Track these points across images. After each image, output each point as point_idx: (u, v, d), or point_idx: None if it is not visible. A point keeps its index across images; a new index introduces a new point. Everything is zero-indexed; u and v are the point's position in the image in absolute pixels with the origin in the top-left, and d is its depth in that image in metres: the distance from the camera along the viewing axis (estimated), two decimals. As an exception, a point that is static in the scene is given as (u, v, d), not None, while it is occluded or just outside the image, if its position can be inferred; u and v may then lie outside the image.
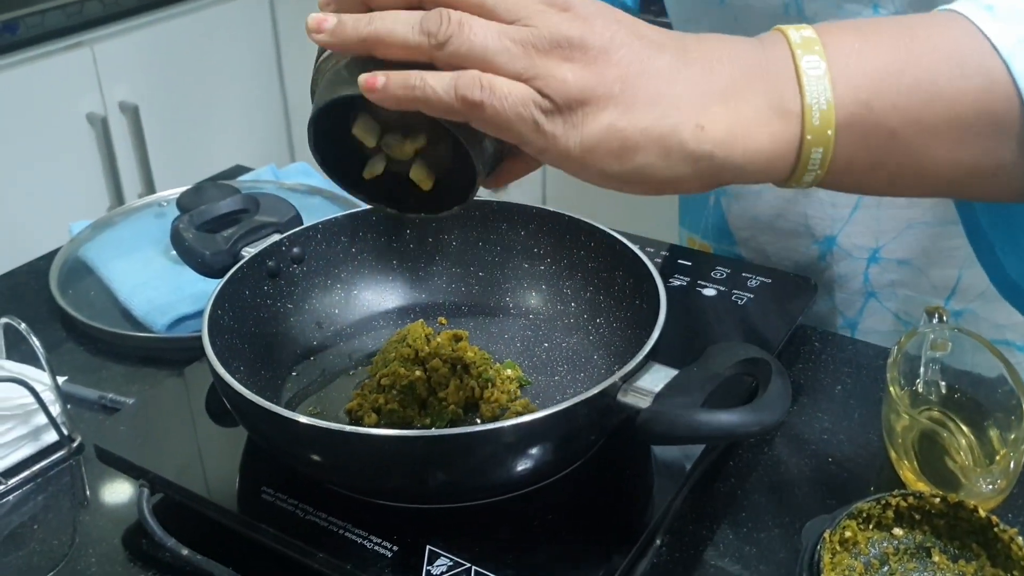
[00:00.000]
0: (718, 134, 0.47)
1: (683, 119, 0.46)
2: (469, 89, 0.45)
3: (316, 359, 0.72)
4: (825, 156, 0.48)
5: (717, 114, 0.47)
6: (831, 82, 0.48)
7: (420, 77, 0.46)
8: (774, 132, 0.48)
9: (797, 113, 0.48)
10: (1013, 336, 0.83)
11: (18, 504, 0.68)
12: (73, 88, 2.10)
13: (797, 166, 0.49)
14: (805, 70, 0.48)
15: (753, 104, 0.48)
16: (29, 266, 0.97)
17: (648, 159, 0.47)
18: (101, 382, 0.80)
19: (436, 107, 0.46)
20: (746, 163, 0.48)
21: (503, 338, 0.73)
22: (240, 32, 2.44)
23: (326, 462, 0.58)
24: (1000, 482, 0.59)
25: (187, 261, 0.74)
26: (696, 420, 0.52)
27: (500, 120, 0.46)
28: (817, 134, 0.48)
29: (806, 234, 0.86)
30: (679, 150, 0.47)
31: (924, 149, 0.49)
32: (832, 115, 0.48)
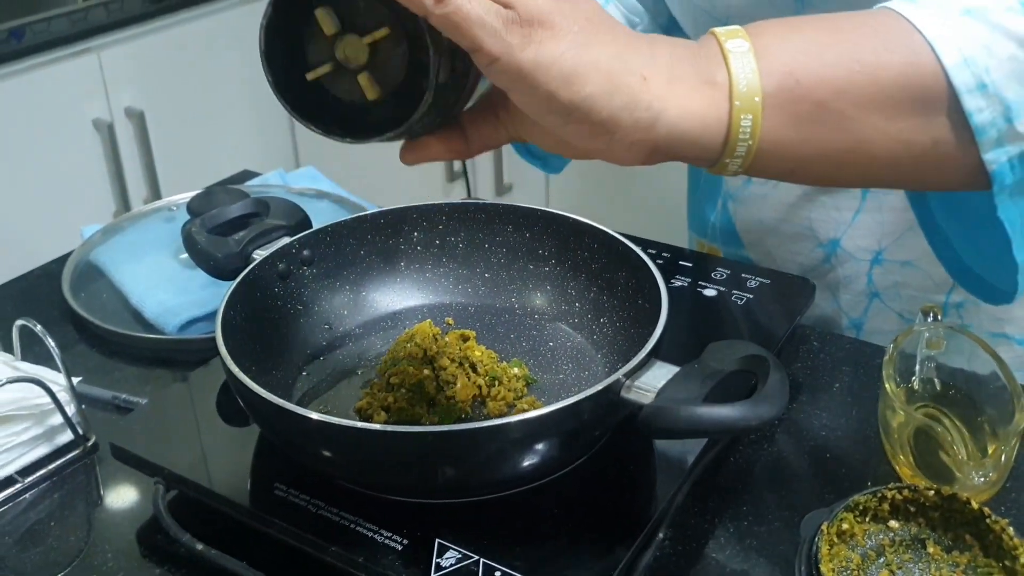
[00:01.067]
0: (657, 87, 0.50)
1: (631, 65, 0.49)
2: None
3: (326, 359, 0.74)
4: (755, 125, 0.50)
5: (657, 73, 0.50)
6: (755, 56, 0.51)
7: None
8: (704, 96, 0.50)
9: (724, 83, 0.51)
10: (1011, 329, 0.85)
11: (35, 502, 0.70)
12: (79, 94, 2.12)
13: (728, 135, 0.51)
14: (730, 49, 0.51)
15: (686, 74, 0.51)
16: (42, 269, 0.99)
17: (593, 90, 0.48)
18: (114, 383, 0.82)
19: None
20: (678, 119, 0.50)
21: (509, 337, 0.75)
22: (245, 38, 2.45)
23: (337, 458, 0.59)
24: (992, 475, 0.60)
25: (199, 264, 0.75)
26: (697, 414, 0.54)
27: (461, 18, 0.46)
28: (745, 100, 0.50)
29: (811, 237, 0.87)
30: (623, 90, 0.49)
31: (855, 123, 0.51)
32: (758, 83, 0.50)
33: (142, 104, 2.20)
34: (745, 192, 0.91)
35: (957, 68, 0.51)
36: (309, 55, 0.53)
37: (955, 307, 0.85)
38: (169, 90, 2.28)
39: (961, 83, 0.51)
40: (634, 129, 0.50)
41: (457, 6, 0.46)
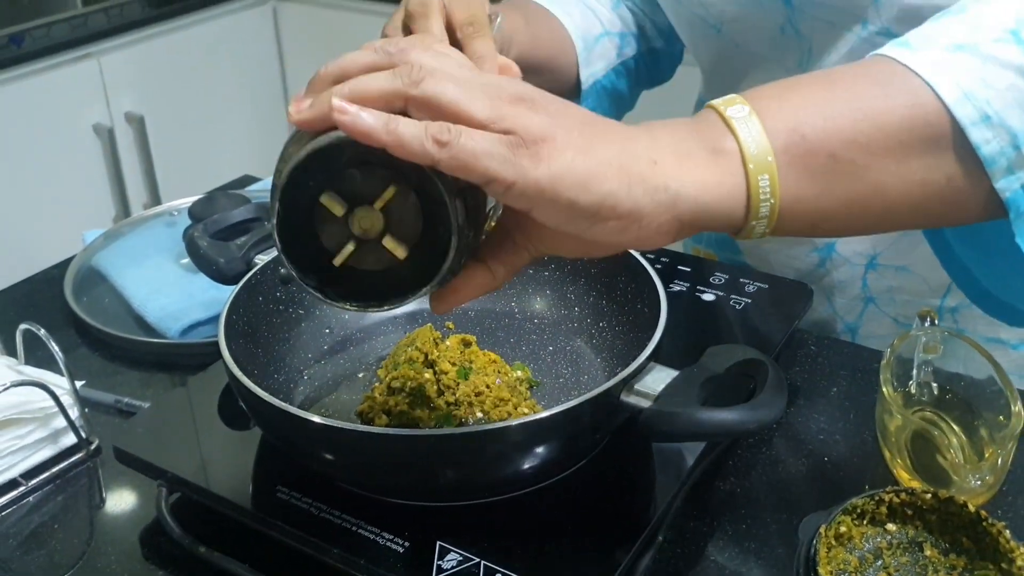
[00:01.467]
0: (669, 167, 0.50)
1: (638, 154, 0.50)
2: (439, 132, 0.47)
3: (327, 363, 0.74)
4: (773, 183, 0.51)
5: (665, 154, 0.50)
6: (759, 118, 0.51)
7: (392, 116, 0.47)
8: (719, 166, 0.51)
9: (735, 149, 0.51)
10: (1007, 335, 0.85)
11: (38, 504, 0.70)
12: (79, 99, 2.13)
13: (750, 198, 0.51)
14: (731, 116, 0.51)
15: (693, 149, 0.51)
16: (44, 274, 0.99)
17: (612, 187, 0.48)
18: (116, 387, 0.82)
19: (407, 144, 0.47)
20: (698, 193, 0.50)
21: (509, 342, 0.75)
22: (244, 43, 2.47)
23: (339, 461, 0.60)
24: (988, 478, 0.61)
25: (202, 268, 0.76)
26: (696, 418, 0.55)
27: (468, 155, 0.47)
28: (758, 162, 0.50)
29: (806, 242, 0.88)
30: (639, 180, 0.49)
31: (868, 170, 0.52)
32: (767, 143, 0.51)
33: (142, 109, 2.21)
34: None
35: (958, 103, 0.51)
36: (325, 239, 0.52)
37: (950, 311, 0.85)
38: (169, 95, 2.29)
39: (964, 117, 0.51)
40: (657, 212, 0.50)
41: (461, 146, 0.47)
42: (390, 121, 0.47)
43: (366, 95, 0.48)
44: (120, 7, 2.23)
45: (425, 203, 0.51)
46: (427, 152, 0.47)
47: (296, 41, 2.53)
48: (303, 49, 2.52)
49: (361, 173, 0.50)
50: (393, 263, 0.52)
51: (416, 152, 0.47)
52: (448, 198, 0.49)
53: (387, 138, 0.47)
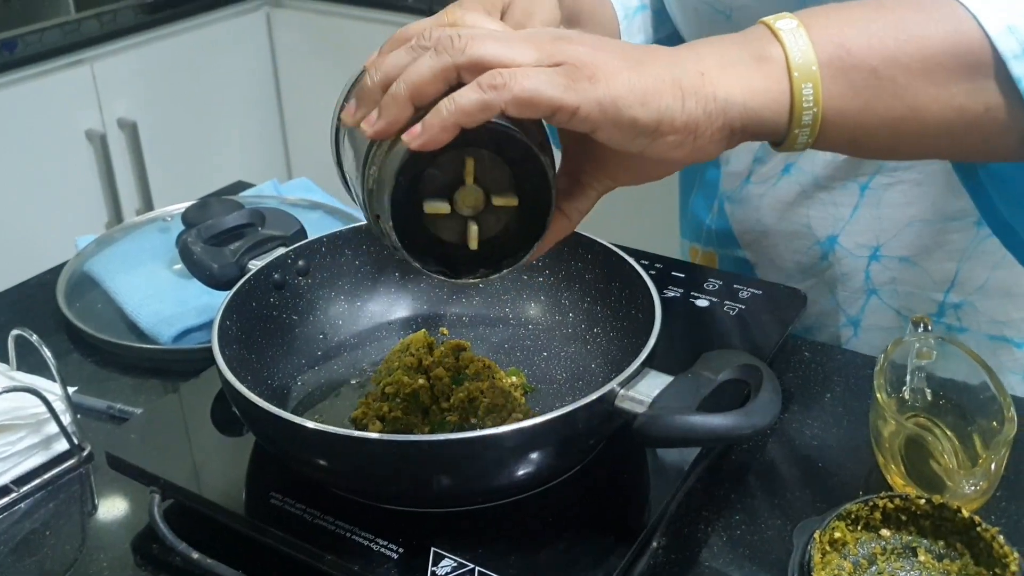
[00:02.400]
0: (716, 76, 0.52)
1: (686, 68, 0.52)
2: (491, 78, 0.49)
3: (321, 369, 0.74)
4: (816, 92, 0.52)
5: (712, 63, 0.53)
6: (806, 31, 0.53)
7: (448, 98, 0.49)
8: (763, 72, 0.53)
9: (780, 57, 0.53)
10: (1011, 332, 0.85)
11: (30, 511, 0.70)
12: (72, 105, 2.12)
13: (793, 105, 0.53)
14: (779, 27, 0.53)
15: (737, 57, 0.53)
16: (36, 279, 0.99)
17: (668, 101, 0.51)
18: (109, 393, 0.82)
19: (471, 112, 0.49)
20: (747, 98, 0.52)
21: (503, 348, 0.75)
22: (238, 50, 2.47)
23: (333, 467, 0.60)
24: (982, 483, 0.61)
25: (195, 274, 0.76)
26: (691, 423, 0.55)
27: (530, 91, 0.49)
28: (802, 70, 0.52)
29: (808, 235, 0.88)
30: (691, 92, 0.51)
31: (908, 89, 0.53)
32: (812, 54, 0.52)
33: (135, 115, 2.21)
34: (742, 193, 0.91)
35: (1002, 36, 0.53)
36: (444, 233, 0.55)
37: (953, 308, 0.85)
38: (162, 101, 2.29)
39: (1007, 49, 0.53)
40: (711, 122, 0.52)
41: (520, 85, 0.49)
42: (448, 106, 0.49)
43: (422, 83, 0.50)
44: (113, 13, 2.23)
45: (508, 156, 0.53)
46: (488, 103, 0.49)
47: (290, 47, 2.53)
48: (297, 55, 2.52)
49: (443, 162, 0.52)
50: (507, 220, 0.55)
51: (480, 108, 0.49)
52: (535, 149, 0.52)
53: (454, 119, 0.49)
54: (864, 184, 0.83)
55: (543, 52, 0.50)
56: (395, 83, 0.51)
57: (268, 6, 2.48)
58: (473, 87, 0.49)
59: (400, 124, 0.51)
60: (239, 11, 2.42)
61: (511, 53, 0.50)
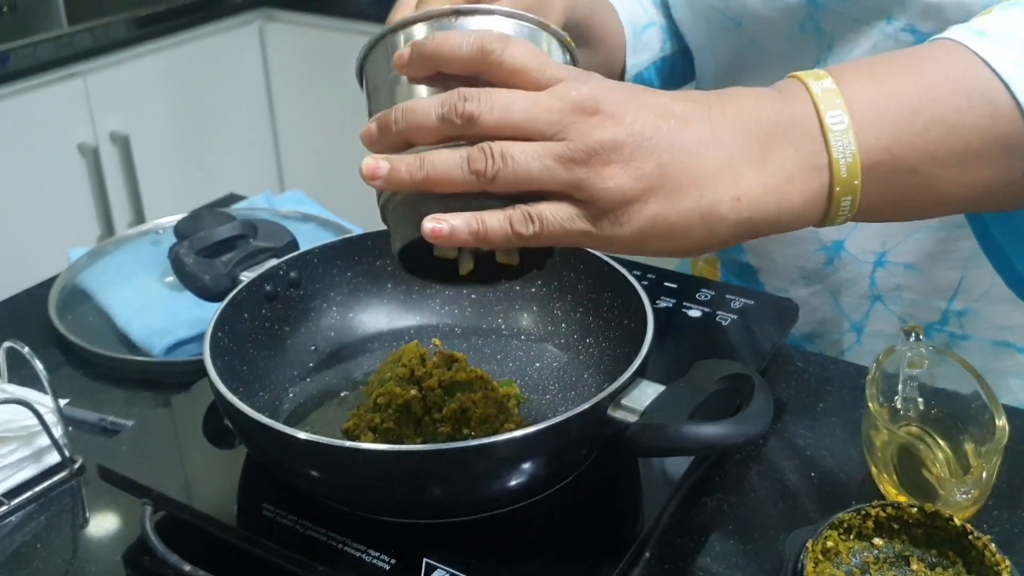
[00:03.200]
0: (754, 201, 0.51)
1: (720, 195, 0.50)
2: (522, 225, 0.50)
3: (313, 380, 0.74)
4: (854, 202, 0.52)
5: (751, 182, 0.51)
6: (855, 135, 0.51)
7: (479, 220, 0.50)
8: (805, 188, 0.52)
9: (825, 166, 0.52)
10: (1014, 338, 0.85)
11: (21, 524, 0.70)
12: (65, 119, 2.12)
13: (828, 213, 0.53)
14: (830, 126, 0.51)
15: (782, 164, 0.51)
16: (28, 293, 0.98)
17: (694, 236, 0.51)
18: (101, 405, 0.81)
19: (496, 242, 0.50)
20: (781, 217, 0.52)
21: (496, 358, 0.75)
22: (230, 63, 2.47)
23: (325, 478, 0.60)
24: (974, 492, 0.61)
25: (187, 285, 0.76)
26: (683, 432, 0.55)
27: (552, 241, 0.50)
28: (845, 184, 0.52)
29: (814, 240, 0.88)
30: (720, 223, 0.51)
31: (941, 180, 0.53)
32: (858, 165, 0.52)
33: (127, 128, 2.21)
34: None
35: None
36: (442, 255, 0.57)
37: (956, 315, 0.85)
38: (154, 115, 2.29)
39: None
40: (739, 237, 0.52)
41: (546, 232, 0.50)
42: (479, 228, 0.50)
43: (443, 186, 0.51)
44: (106, 27, 2.23)
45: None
46: (514, 245, 0.51)
47: (282, 61, 2.53)
48: (289, 69, 2.53)
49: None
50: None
51: (506, 245, 0.51)
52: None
53: (478, 243, 0.50)
54: None
55: (573, 180, 0.49)
56: (417, 163, 0.51)
57: (261, 20, 2.49)
58: (504, 222, 0.50)
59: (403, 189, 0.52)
60: (232, 25, 2.43)
61: (540, 180, 0.50)
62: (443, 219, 0.50)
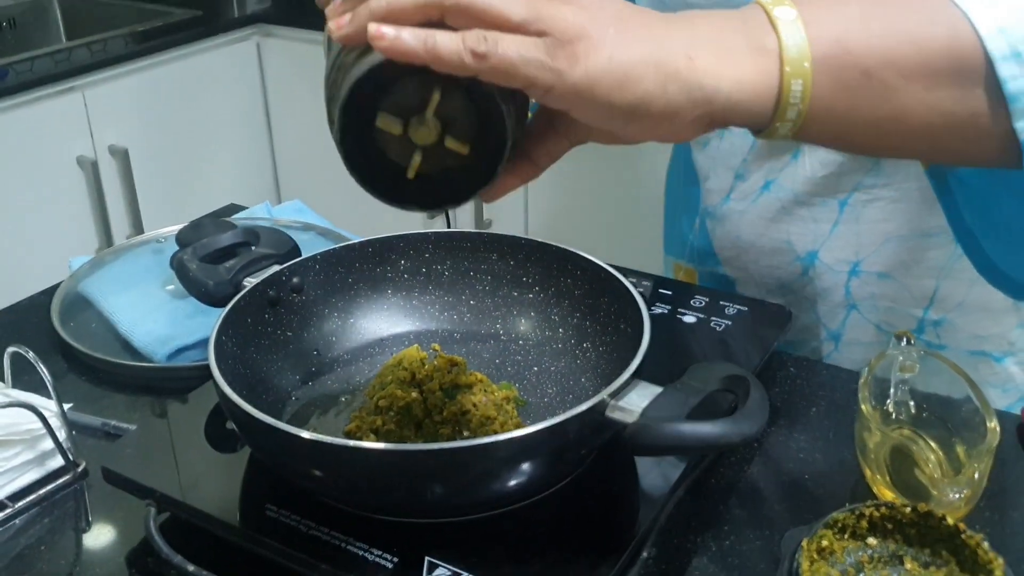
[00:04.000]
0: (706, 64, 0.51)
1: (675, 50, 0.51)
2: (476, 43, 0.48)
3: (314, 384, 0.75)
4: (805, 89, 0.52)
5: (704, 48, 0.52)
6: (803, 24, 0.53)
7: (430, 33, 0.49)
8: (756, 64, 0.52)
9: (775, 49, 0.52)
10: (990, 347, 0.87)
11: (25, 527, 0.70)
12: (64, 132, 2.13)
13: (780, 99, 0.53)
14: (778, 16, 0.53)
15: (733, 43, 0.53)
16: (30, 300, 0.99)
17: (647, 87, 0.50)
18: (103, 410, 0.82)
19: (446, 60, 0.49)
20: (733, 91, 0.52)
21: (494, 363, 0.76)
22: (228, 78, 2.48)
23: (327, 477, 0.60)
24: (966, 491, 0.62)
25: (191, 291, 0.77)
26: (680, 431, 0.56)
27: (507, 65, 0.49)
28: (795, 65, 0.52)
29: (789, 251, 0.89)
30: (675, 78, 0.51)
31: (898, 92, 0.54)
32: (807, 49, 0.52)
33: (126, 142, 2.22)
34: (723, 209, 0.93)
35: (992, 37, 0.53)
36: (392, 154, 0.55)
37: (932, 324, 0.87)
38: (153, 128, 2.31)
39: (996, 50, 0.53)
40: (692, 109, 0.52)
41: (499, 55, 0.48)
42: (427, 39, 0.48)
43: (402, 9, 0.49)
44: (104, 42, 2.25)
45: (475, 100, 0.53)
46: (466, 66, 0.48)
47: (279, 76, 2.55)
48: (286, 83, 2.54)
49: (412, 83, 0.52)
50: (457, 161, 0.54)
51: (456, 66, 0.49)
52: (501, 102, 0.51)
53: (426, 56, 0.48)
54: (843, 200, 0.85)
55: (532, 10, 0.49)
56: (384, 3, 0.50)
57: (259, 36, 2.50)
58: (456, 42, 0.48)
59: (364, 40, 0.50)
60: (230, 40, 2.44)
61: (499, 9, 0.49)
62: (392, 26, 0.48)
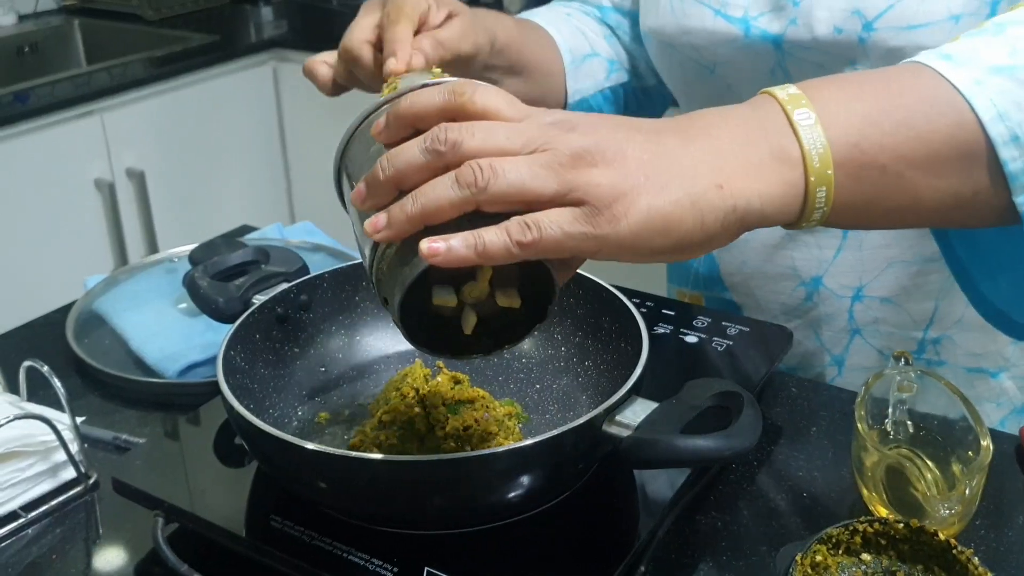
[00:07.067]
0: (736, 188, 0.53)
1: (705, 183, 0.52)
2: (520, 234, 0.50)
3: (321, 399, 0.76)
4: (828, 194, 0.55)
5: (731, 172, 0.53)
6: (823, 129, 0.54)
7: (477, 235, 0.50)
8: (782, 177, 0.54)
9: (798, 158, 0.54)
10: (987, 364, 0.88)
11: (37, 537, 0.72)
12: (82, 155, 2.17)
13: (806, 205, 0.55)
14: (798, 121, 0.54)
15: (758, 155, 0.54)
16: (45, 318, 1.01)
17: (687, 227, 0.52)
18: (115, 424, 0.84)
19: (496, 256, 0.50)
20: (763, 206, 0.54)
21: (497, 380, 0.78)
22: (245, 102, 2.51)
23: (331, 488, 0.62)
24: (958, 508, 0.63)
25: (201, 307, 0.79)
26: (675, 445, 0.57)
27: (554, 247, 0.50)
28: (819, 174, 0.54)
29: (793, 276, 0.91)
30: (710, 211, 0.52)
31: (911, 182, 0.56)
32: (829, 156, 0.54)
33: (143, 165, 2.25)
34: None
35: (993, 122, 0.56)
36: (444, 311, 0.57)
37: (932, 343, 0.88)
38: (170, 151, 2.33)
39: (997, 135, 0.56)
40: (727, 231, 0.54)
41: (545, 239, 0.50)
42: (476, 243, 0.50)
43: (439, 212, 0.51)
44: (123, 66, 2.29)
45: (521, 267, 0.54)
46: (515, 255, 0.50)
47: (295, 100, 2.58)
48: (302, 108, 2.57)
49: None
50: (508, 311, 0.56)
51: (505, 259, 0.50)
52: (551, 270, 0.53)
53: (479, 259, 0.50)
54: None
55: (564, 185, 0.50)
56: (411, 199, 0.51)
57: (275, 61, 2.54)
58: (503, 237, 0.50)
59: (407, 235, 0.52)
60: (246, 65, 2.48)
61: (533, 190, 0.50)
62: (440, 239, 0.50)
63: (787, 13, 0.80)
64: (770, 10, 0.81)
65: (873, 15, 0.75)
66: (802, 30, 0.79)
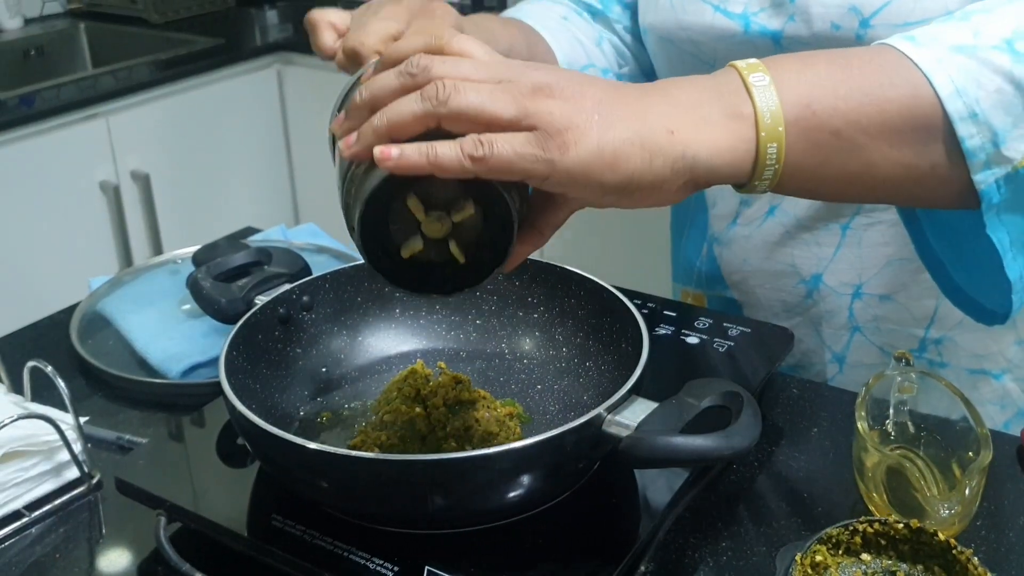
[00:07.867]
0: (686, 135, 0.55)
1: (656, 126, 0.55)
2: (472, 148, 0.53)
3: (322, 400, 0.77)
4: (780, 152, 0.56)
5: (682, 120, 0.55)
6: (776, 90, 0.56)
7: (430, 145, 0.53)
8: (732, 131, 0.56)
9: (750, 115, 0.56)
10: (989, 365, 0.88)
11: (40, 536, 0.72)
12: (87, 157, 2.17)
13: (757, 162, 0.56)
14: (753, 83, 0.57)
15: (711, 112, 0.56)
16: (50, 319, 1.02)
17: (635, 164, 0.54)
18: (118, 424, 0.84)
19: (448, 167, 0.53)
20: (711, 157, 0.55)
21: (499, 381, 0.78)
22: (249, 105, 2.52)
23: (332, 487, 0.62)
24: (957, 508, 0.63)
25: (204, 308, 0.79)
26: (673, 444, 0.57)
27: (504, 163, 0.53)
28: (770, 131, 0.56)
29: (793, 274, 0.91)
30: (659, 152, 0.54)
31: (864, 149, 0.58)
32: (780, 115, 0.56)
33: (148, 167, 2.26)
34: (729, 234, 0.95)
35: (951, 98, 0.57)
36: (395, 232, 0.58)
37: (934, 343, 0.88)
38: (175, 154, 2.34)
39: (955, 111, 0.57)
40: (677, 178, 0.56)
41: (495, 156, 0.52)
42: (428, 152, 0.53)
43: (402, 124, 0.54)
44: (129, 69, 2.30)
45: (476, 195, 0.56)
46: (466, 169, 0.53)
47: (299, 103, 2.58)
48: (306, 111, 2.58)
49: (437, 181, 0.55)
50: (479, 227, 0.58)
51: (457, 171, 0.53)
52: (504, 193, 0.55)
53: (430, 167, 0.53)
54: (845, 225, 0.87)
55: (521, 111, 0.53)
56: (378, 115, 0.55)
57: (279, 64, 2.54)
58: (455, 150, 0.52)
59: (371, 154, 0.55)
60: (251, 68, 2.48)
61: (490, 111, 0.53)
62: (394, 145, 0.53)
63: (786, 9, 0.80)
64: (769, 6, 0.82)
65: (870, 12, 0.76)
66: (800, 26, 0.80)
